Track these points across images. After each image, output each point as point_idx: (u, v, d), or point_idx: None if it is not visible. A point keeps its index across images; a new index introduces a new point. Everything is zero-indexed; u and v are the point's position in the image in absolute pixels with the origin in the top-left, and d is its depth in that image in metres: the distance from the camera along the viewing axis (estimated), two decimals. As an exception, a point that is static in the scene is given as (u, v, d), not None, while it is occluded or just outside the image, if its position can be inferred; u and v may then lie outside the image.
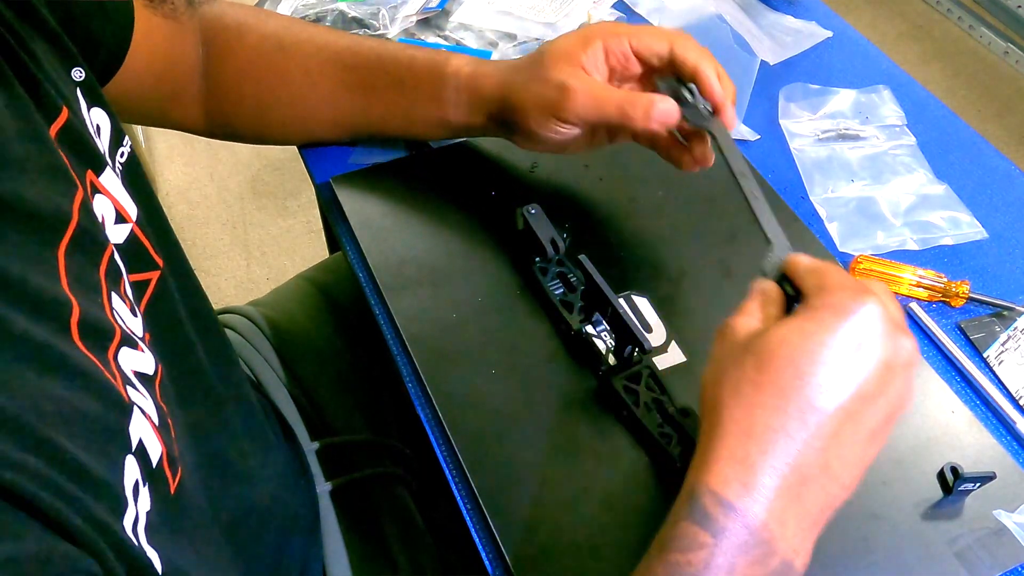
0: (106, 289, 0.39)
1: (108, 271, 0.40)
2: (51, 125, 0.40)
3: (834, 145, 0.74)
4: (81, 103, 0.44)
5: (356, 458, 0.71)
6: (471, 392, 0.56)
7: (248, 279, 1.73)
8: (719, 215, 0.66)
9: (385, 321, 0.61)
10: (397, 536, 0.67)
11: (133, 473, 0.36)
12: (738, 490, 0.38)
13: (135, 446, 0.37)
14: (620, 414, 0.55)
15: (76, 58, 0.45)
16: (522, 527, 0.50)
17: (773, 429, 0.39)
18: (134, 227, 0.45)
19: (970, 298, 0.62)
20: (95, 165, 0.43)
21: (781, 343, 0.40)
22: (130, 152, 0.48)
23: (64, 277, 0.36)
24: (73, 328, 0.35)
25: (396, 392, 0.76)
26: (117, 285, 0.41)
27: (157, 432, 0.39)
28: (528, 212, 0.60)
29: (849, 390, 0.39)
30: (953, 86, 2.08)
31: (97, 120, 0.45)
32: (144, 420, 0.38)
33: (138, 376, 0.40)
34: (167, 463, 0.40)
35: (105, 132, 0.46)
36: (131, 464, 0.36)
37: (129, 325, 0.41)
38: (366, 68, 0.65)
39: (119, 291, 0.41)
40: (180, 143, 1.96)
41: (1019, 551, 0.49)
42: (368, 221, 0.65)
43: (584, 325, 0.57)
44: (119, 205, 0.44)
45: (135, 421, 0.37)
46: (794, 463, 0.38)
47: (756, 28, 0.84)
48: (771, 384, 0.39)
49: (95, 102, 0.46)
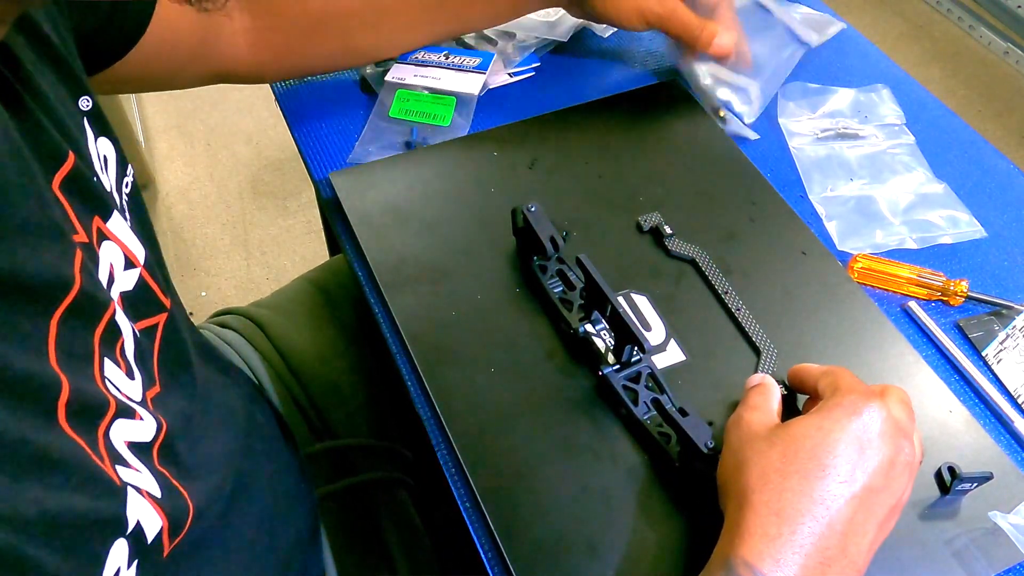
0: (99, 357, 0.37)
1: (104, 334, 0.38)
2: (56, 174, 0.38)
3: (833, 144, 0.74)
4: (88, 135, 0.43)
5: (357, 461, 0.71)
6: (470, 390, 0.56)
7: (248, 279, 1.73)
8: (718, 213, 0.66)
9: (384, 319, 0.61)
10: (397, 539, 0.67)
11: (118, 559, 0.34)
12: (771, 565, 0.42)
13: (131, 528, 0.35)
14: (619, 413, 0.55)
15: (83, 86, 0.43)
16: (521, 526, 0.50)
17: (800, 512, 0.43)
18: (142, 271, 0.44)
19: (968, 297, 0.62)
20: (102, 211, 0.41)
21: (804, 437, 0.45)
22: (133, 181, 0.47)
23: (53, 352, 0.34)
24: (60, 410, 0.33)
25: (396, 395, 0.76)
26: (112, 349, 0.39)
27: (156, 505, 0.38)
28: (528, 210, 0.60)
29: (860, 481, 0.44)
30: (953, 86, 2.08)
31: (103, 151, 0.44)
32: (140, 498, 0.36)
33: (133, 447, 0.38)
34: (167, 535, 0.39)
35: (111, 163, 0.45)
36: (118, 548, 0.34)
37: (126, 391, 0.39)
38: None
39: (113, 356, 0.39)
40: (180, 143, 1.96)
41: (1014, 552, 0.49)
42: (367, 218, 0.65)
43: (583, 324, 0.57)
44: (127, 250, 0.43)
45: (131, 502, 0.36)
46: (818, 544, 0.42)
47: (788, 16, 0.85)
48: (796, 473, 0.44)
49: (102, 131, 0.44)
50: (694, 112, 0.74)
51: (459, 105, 0.75)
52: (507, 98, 0.77)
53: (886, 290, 0.63)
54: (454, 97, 0.75)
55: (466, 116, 0.74)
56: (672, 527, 0.50)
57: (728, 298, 0.61)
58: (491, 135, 0.72)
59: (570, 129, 0.73)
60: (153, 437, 0.40)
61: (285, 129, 0.76)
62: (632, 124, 0.74)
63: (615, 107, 0.75)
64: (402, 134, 0.73)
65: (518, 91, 0.78)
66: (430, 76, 0.76)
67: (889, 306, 0.63)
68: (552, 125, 0.73)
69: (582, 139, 0.72)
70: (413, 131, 0.73)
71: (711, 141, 0.72)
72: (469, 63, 0.77)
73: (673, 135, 0.73)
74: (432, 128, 0.73)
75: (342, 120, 0.75)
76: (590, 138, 0.72)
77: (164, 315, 0.46)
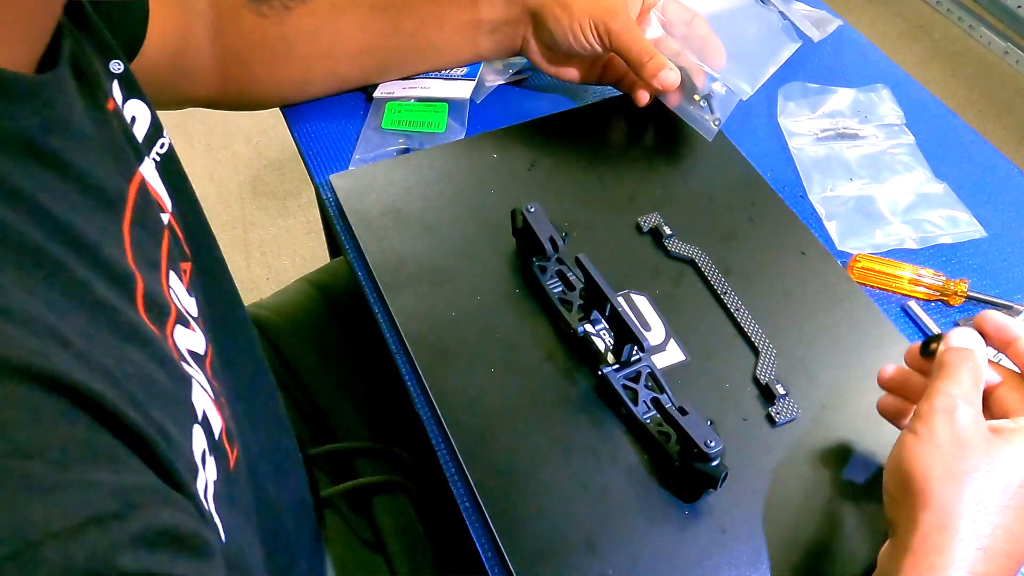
0: (165, 267, 0.40)
1: (169, 251, 0.41)
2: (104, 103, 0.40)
3: (833, 144, 0.74)
4: (118, 96, 0.44)
5: (357, 464, 0.71)
6: (470, 390, 0.56)
7: (248, 279, 1.73)
8: (718, 214, 0.66)
9: (384, 319, 0.61)
10: (398, 544, 0.67)
11: (200, 442, 0.36)
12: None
13: (200, 417, 0.37)
14: (619, 412, 0.55)
15: (114, 50, 0.45)
16: (521, 526, 0.50)
17: (1007, 554, 0.39)
18: (170, 218, 0.46)
19: (968, 297, 0.62)
20: (137, 155, 0.43)
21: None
22: (169, 145, 0.48)
23: (129, 251, 0.36)
24: (139, 300, 0.35)
25: (396, 395, 0.76)
26: (176, 264, 0.42)
27: (216, 406, 0.40)
28: (527, 211, 0.60)
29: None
30: (953, 86, 2.08)
31: (133, 111, 0.45)
32: (203, 393, 0.38)
33: (191, 354, 0.40)
34: (226, 437, 0.40)
35: (143, 124, 0.46)
36: (198, 433, 0.36)
37: (184, 304, 0.42)
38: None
39: (178, 270, 0.42)
40: (180, 143, 1.96)
41: None
42: (367, 219, 0.65)
43: (583, 323, 0.58)
44: (157, 196, 0.44)
45: (196, 393, 0.37)
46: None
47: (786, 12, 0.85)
48: (1014, 509, 0.39)
49: (132, 93, 0.46)
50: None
51: (452, 110, 0.74)
52: (503, 102, 0.77)
53: (886, 290, 0.63)
54: (446, 103, 0.75)
55: (460, 121, 0.74)
56: (672, 526, 0.50)
57: (727, 298, 0.61)
58: (490, 137, 0.72)
59: (569, 131, 0.73)
60: (204, 352, 0.42)
61: (285, 129, 0.76)
62: (631, 125, 0.74)
63: (614, 109, 0.75)
64: (397, 144, 0.73)
65: (513, 94, 0.78)
66: (419, 87, 0.75)
67: (889, 306, 0.63)
68: (551, 127, 0.73)
69: (581, 141, 0.72)
70: (408, 140, 0.73)
71: (711, 141, 0.72)
72: (457, 71, 0.77)
73: (672, 136, 0.73)
74: (427, 136, 0.73)
75: (343, 121, 0.75)
76: (589, 140, 0.72)
77: (189, 264, 0.47)
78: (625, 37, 0.66)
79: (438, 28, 0.71)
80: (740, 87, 0.68)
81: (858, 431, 0.54)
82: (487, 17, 0.70)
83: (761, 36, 0.72)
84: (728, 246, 0.64)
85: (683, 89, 0.68)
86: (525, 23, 0.70)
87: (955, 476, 0.40)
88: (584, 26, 0.67)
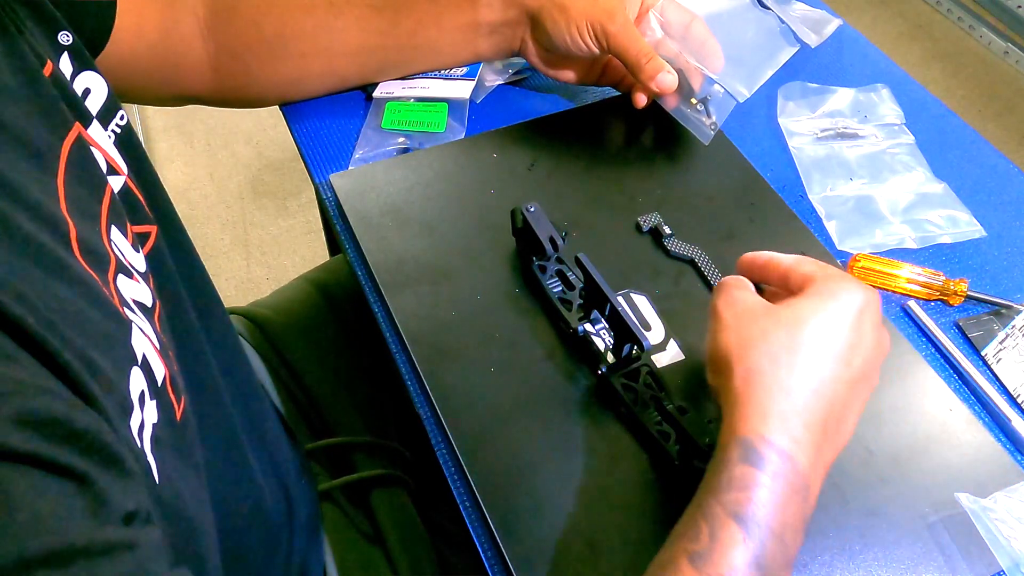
0: (106, 221, 0.40)
1: (111, 208, 0.41)
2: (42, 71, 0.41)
3: (833, 144, 0.74)
4: (66, 66, 0.44)
5: (356, 459, 0.71)
6: (469, 390, 0.56)
7: (248, 279, 1.73)
8: (718, 214, 0.66)
9: (384, 319, 0.61)
10: (397, 538, 0.67)
11: (139, 383, 0.36)
12: (787, 441, 0.43)
13: (140, 360, 0.37)
14: (619, 412, 0.55)
15: (60, 22, 0.45)
16: (521, 525, 0.50)
17: (811, 390, 0.44)
18: (127, 180, 0.46)
19: (968, 296, 0.62)
20: (82, 118, 0.43)
21: (810, 318, 0.45)
22: (126, 125, 0.48)
23: (63, 201, 0.36)
24: (74, 244, 0.36)
25: (396, 394, 0.76)
26: (120, 222, 0.42)
27: (159, 355, 0.40)
28: (527, 210, 0.60)
29: (857, 365, 0.45)
30: (953, 86, 2.08)
31: (88, 83, 0.46)
32: (144, 339, 0.38)
33: (137, 304, 0.40)
34: (171, 386, 0.40)
35: (98, 96, 0.46)
36: (137, 375, 0.36)
37: (128, 259, 0.41)
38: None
39: (122, 228, 0.42)
40: (180, 143, 1.96)
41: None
42: (367, 219, 0.65)
43: (583, 323, 0.58)
44: (109, 158, 0.45)
45: (136, 338, 0.37)
46: (822, 421, 0.44)
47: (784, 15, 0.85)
48: (804, 352, 0.45)
49: (84, 66, 0.46)
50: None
51: (452, 110, 0.74)
52: (502, 101, 0.77)
53: (886, 290, 0.63)
54: (446, 103, 0.75)
55: (460, 120, 0.74)
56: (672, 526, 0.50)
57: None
58: (490, 137, 0.72)
59: (569, 131, 0.73)
60: (152, 305, 0.43)
61: (285, 129, 0.76)
62: (631, 125, 0.74)
63: (615, 108, 0.75)
64: (397, 143, 0.73)
65: (513, 94, 0.78)
66: (419, 86, 0.75)
67: (889, 306, 0.63)
68: (551, 127, 0.73)
69: (581, 141, 0.72)
70: (408, 139, 0.73)
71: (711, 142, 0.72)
72: (457, 71, 0.76)
73: (673, 136, 0.73)
74: (427, 135, 0.73)
75: (342, 120, 0.75)
76: (589, 140, 0.72)
77: (154, 227, 0.48)
78: (622, 39, 0.66)
79: (437, 29, 0.71)
80: (737, 90, 0.68)
81: (858, 430, 0.54)
82: (486, 19, 0.70)
83: (759, 39, 0.72)
84: (728, 246, 0.64)
85: (681, 92, 0.68)
86: (523, 25, 0.70)
87: (749, 340, 0.46)
88: (581, 28, 0.67)
